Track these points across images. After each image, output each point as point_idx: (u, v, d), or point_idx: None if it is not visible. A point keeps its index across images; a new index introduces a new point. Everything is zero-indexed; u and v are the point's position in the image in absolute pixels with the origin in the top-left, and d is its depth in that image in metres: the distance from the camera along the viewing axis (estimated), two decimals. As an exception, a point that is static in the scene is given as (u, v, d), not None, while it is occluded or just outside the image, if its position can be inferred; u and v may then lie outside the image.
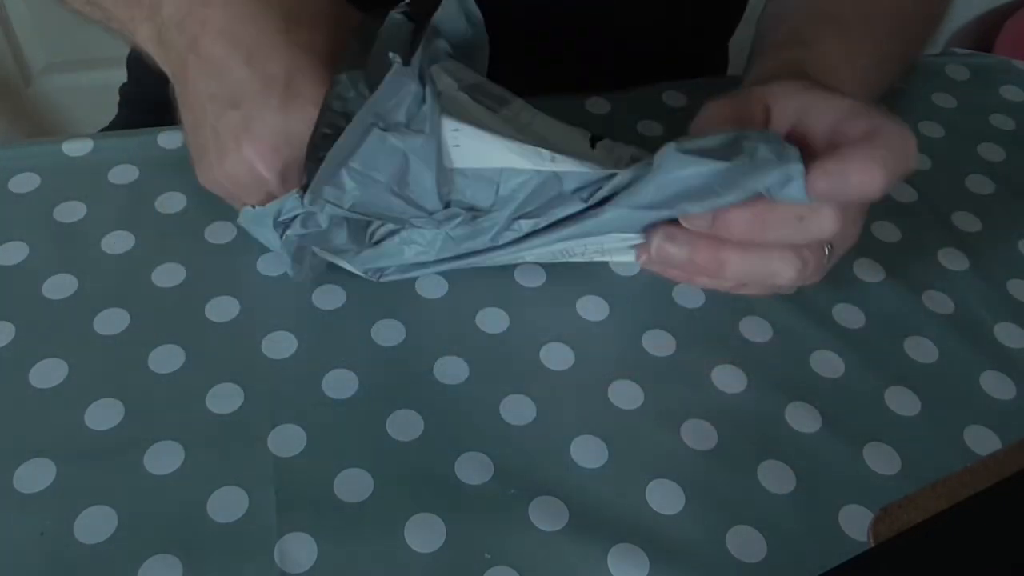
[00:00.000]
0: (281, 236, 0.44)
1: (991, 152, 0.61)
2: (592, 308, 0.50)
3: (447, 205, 0.41)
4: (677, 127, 0.60)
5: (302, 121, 0.41)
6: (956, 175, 0.59)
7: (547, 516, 0.42)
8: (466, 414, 0.45)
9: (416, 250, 0.44)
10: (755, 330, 0.49)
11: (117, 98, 0.78)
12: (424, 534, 0.41)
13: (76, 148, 0.56)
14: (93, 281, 0.49)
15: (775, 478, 0.44)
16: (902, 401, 0.47)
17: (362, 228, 0.44)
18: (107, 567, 0.39)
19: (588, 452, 0.44)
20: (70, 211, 0.52)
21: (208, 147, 0.43)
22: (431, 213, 0.42)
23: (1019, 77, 0.67)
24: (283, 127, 0.41)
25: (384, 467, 0.43)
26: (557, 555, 0.40)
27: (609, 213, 0.40)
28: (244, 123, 0.41)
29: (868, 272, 0.53)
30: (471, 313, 0.49)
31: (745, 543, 0.41)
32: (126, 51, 0.78)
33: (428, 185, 0.40)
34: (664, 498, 0.43)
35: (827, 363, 0.48)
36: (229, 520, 0.41)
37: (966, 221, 0.56)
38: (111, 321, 0.47)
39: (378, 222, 0.43)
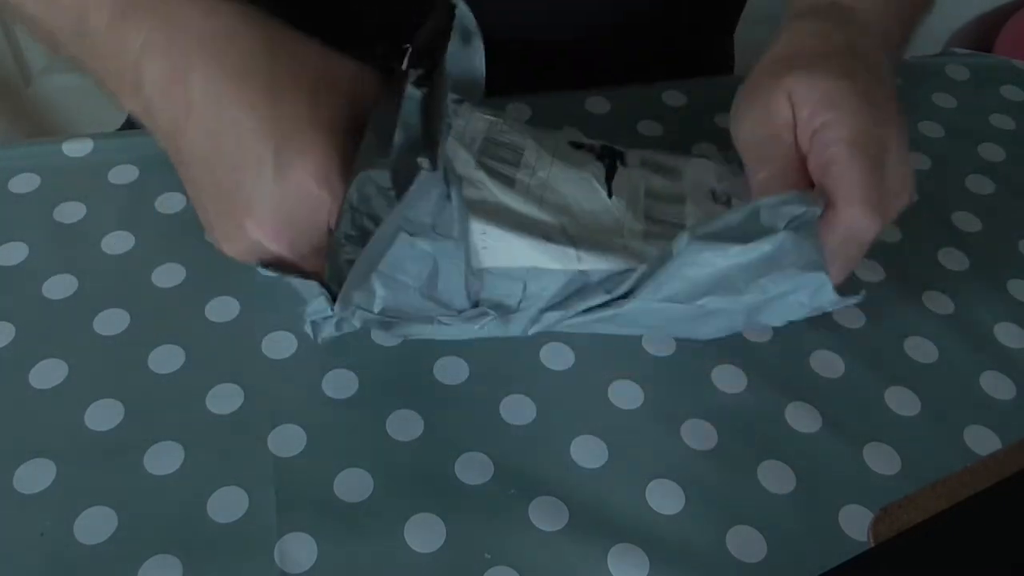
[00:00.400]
0: (312, 331, 0.44)
1: (991, 152, 0.61)
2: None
3: (475, 304, 0.42)
4: (677, 127, 0.60)
5: (298, 195, 0.41)
6: (956, 175, 0.59)
7: (547, 516, 0.42)
8: (466, 414, 0.45)
9: (445, 333, 0.45)
10: (755, 330, 0.49)
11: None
12: (424, 534, 0.41)
13: (76, 148, 0.56)
14: (93, 281, 0.49)
15: (775, 478, 0.44)
16: (902, 401, 0.47)
17: (388, 327, 0.44)
18: (107, 567, 0.39)
19: (588, 452, 0.44)
20: (70, 211, 0.52)
21: (213, 227, 0.43)
22: (460, 312, 0.42)
23: (1019, 77, 0.67)
24: (281, 204, 0.41)
25: (384, 467, 0.43)
26: (557, 555, 0.40)
27: (632, 304, 0.41)
28: (245, 208, 0.41)
29: (868, 272, 0.53)
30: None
31: (745, 543, 0.41)
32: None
33: (458, 287, 0.41)
34: (664, 498, 0.43)
35: (827, 363, 0.48)
36: (229, 520, 0.41)
37: (966, 221, 0.56)
38: (111, 321, 0.47)
39: (402, 324, 0.44)
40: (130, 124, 0.76)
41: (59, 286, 0.48)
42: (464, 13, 0.43)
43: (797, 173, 0.43)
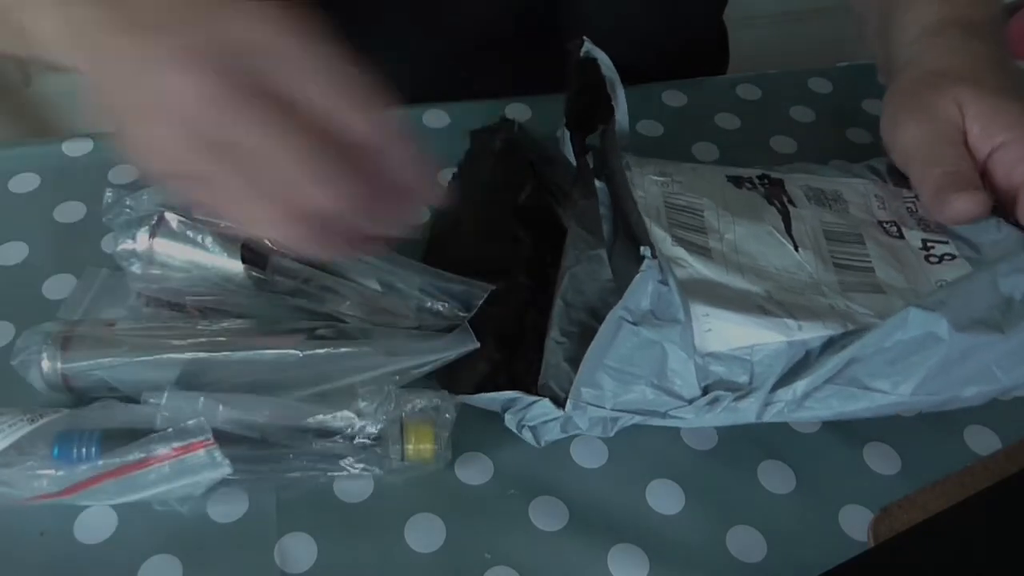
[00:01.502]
0: (534, 436, 0.43)
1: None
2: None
3: (705, 390, 0.41)
4: (677, 127, 0.60)
5: (245, 27, 0.35)
6: (956, 175, 0.59)
7: (547, 516, 0.42)
8: (466, 415, 0.45)
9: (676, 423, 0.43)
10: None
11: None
12: (424, 534, 0.41)
13: (76, 148, 0.56)
14: (93, 281, 0.49)
15: (775, 478, 0.44)
16: (902, 401, 0.47)
17: (610, 425, 0.43)
18: (107, 567, 0.39)
19: (588, 452, 0.44)
20: (70, 211, 0.52)
21: (137, 95, 0.36)
22: (690, 401, 0.41)
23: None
24: (226, 34, 0.35)
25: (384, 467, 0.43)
26: (557, 555, 0.40)
27: (889, 399, 0.40)
28: (178, 41, 0.34)
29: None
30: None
31: (745, 543, 0.41)
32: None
33: (688, 373, 0.40)
34: (664, 498, 0.43)
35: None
36: (229, 520, 0.40)
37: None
38: (111, 321, 0.47)
39: (625, 419, 0.43)
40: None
41: (59, 286, 0.48)
42: (608, 66, 0.44)
43: (971, 171, 0.45)
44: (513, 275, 0.47)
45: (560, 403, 0.41)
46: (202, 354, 0.42)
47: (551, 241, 0.46)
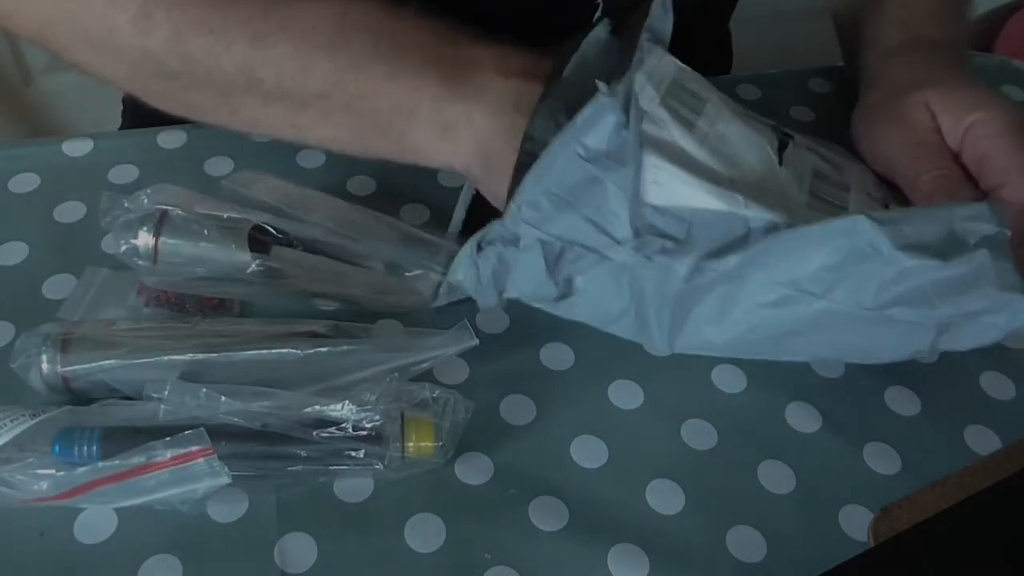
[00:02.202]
0: (478, 255, 0.44)
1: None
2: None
3: (636, 235, 0.42)
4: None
5: None
6: (956, 175, 0.59)
7: (547, 516, 0.42)
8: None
9: (600, 279, 0.44)
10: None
11: (117, 97, 0.78)
12: (424, 534, 0.41)
13: (76, 148, 0.56)
14: (93, 281, 0.49)
15: (775, 478, 0.44)
16: (902, 401, 0.47)
17: (554, 262, 0.44)
18: (107, 567, 0.39)
19: (588, 452, 0.44)
20: (70, 211, 0.52)
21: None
22: (619, 242, 0.42)
23: (1019, 77, 0.67)
24: None
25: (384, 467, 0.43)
26: (557, 555, 0.40)
27: (817, 305, 0.41)
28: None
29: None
30: (472, 315, 0.49)
31: (745, 543, 0.41)
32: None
33: (622, 214, 0.41)
34: (664, 498, 0.43)
35: (827, 363, 0.48)
36: (229, 520, 0.40)
37: (966, 221, 0.56)
38: (111, 321, 0.47)
39: (567, 257, 0.43)
40: (130, 124, 0.76)
41: (59, 286, 0.48)
42: None
43: (956, 171, 0.47)
44: None
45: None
46: (202, 355, 0.42)
47: None
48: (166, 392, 0.40)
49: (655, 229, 0.42)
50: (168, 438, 0.38)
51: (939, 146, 0.48)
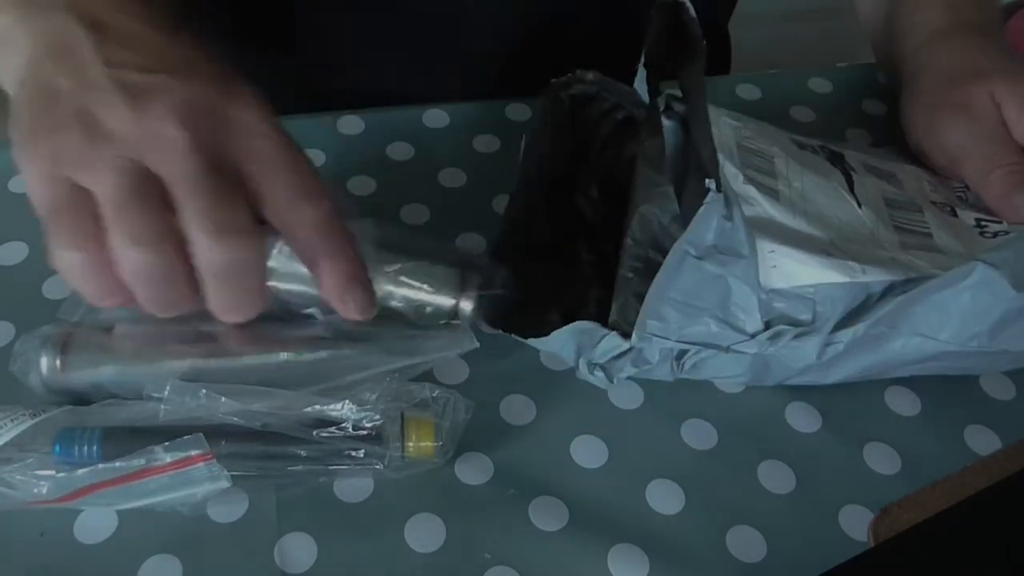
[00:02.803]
0: (594, 372, 0.43)
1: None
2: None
3: (767, 325, 0.42)
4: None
5: (207, 95, 0.37)
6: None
7: (547, 516, 0.42)
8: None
9: (737, 366, 0.44)
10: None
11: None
12: (424, 534, 0.41)
13: (76, 148, 0.56)
14: (93, 281, 0.49)
15: (775, 478, 0.44)
16: (902, 401, 0.47)
17: (677, 361, 0.44)
18: (107, 567, 0.39)
19: (588, 452, 0.44)
20: (70, 211, 0.52)
21: (80, 113, 0.36)
22: (752, 335, 0.42)
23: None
24: (196, 96, 0.37)
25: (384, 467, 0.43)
26: (557, 555, 0.40)
27: (932, 344, 0.42)
28: (158, 85, 0.36)
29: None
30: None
31: (745, 543, 0.41)
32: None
33: (752, 307, 0.41)
34: (664, 498, 0.43)
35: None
36: (229, 520, 0.41)
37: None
38: (111, 321, 0.47)
39: (690, 353, 0.43)
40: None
41: (59, 286, 0.48)
42: (691, 8, 0.43)
43: None
44: (576, 251, 0.47)
45: (628, 336, 0.41)
46: (202, 361, 0.42)
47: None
48: (166, 392, 0.40)
49: (784, 316, 0.42)
50: (167, 443, 0.38)
51: (1007, 139, 0.47)
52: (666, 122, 0.44)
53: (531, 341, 0.43)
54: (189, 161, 0.35)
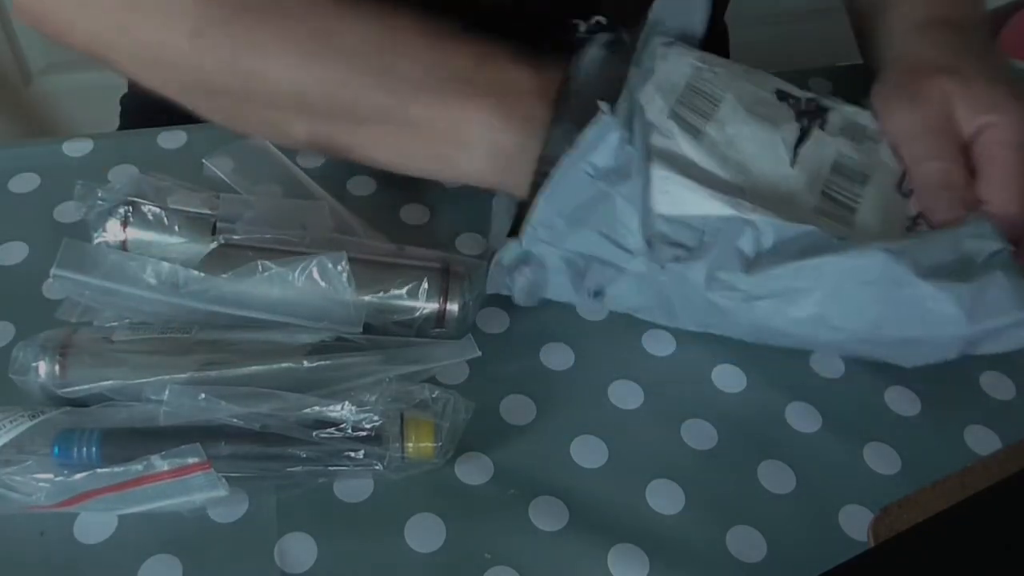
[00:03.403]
0: (511, 282, 0.46)
1: (991, 152, 0.61)
2: (592, 308, 0.50)
3: (648, 245, 0.43)
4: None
5: None
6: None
7: (547, 516, 0.42)
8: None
9: (626, 287, 0.46)
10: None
11: (117, 97, 0.78)
12: (424, 534, 0.41)
13: (76, 148, 0.56)
14: (93, 281, 0.49)
15: (775, 478, 0.44)
16: (902, 401, 0.47)
17: (579, 276, 0.46)
18: (107, 567, 0.39)
19: (588, 452, 0.44)
20: (70, 211, 0.52)
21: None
22: (632, 253, 0.44)
23: (1019, 77, 0.67)
24: None
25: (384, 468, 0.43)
26: (557, 555, 0.40)
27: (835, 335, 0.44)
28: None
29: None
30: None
31: (745, 543, 0.41)
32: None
33: (633, 226, 0.43)
34: (664, 498, 0.43)
35: (827, 363, 0.48)
36: (229, 520, 0.41)
37: (966, 221, 0.56)
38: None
39: (592, 271, 0.45)
40: (127, 125, 0.76)
41: (59, 286, 0.48)
42: None
43: (959, 171, 0.47)
44: None
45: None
46: (201, 374, 0.42)
47: None
48: (166, 395, 0.40)
49: (666, 238, 0.43)
50: (164, 452, 0.38)
51: (949, 134, 0.48)
52: (594, 51, 0.45)
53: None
54: None
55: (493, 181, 0.47)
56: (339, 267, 0.43)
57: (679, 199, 0.43)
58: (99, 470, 0.38)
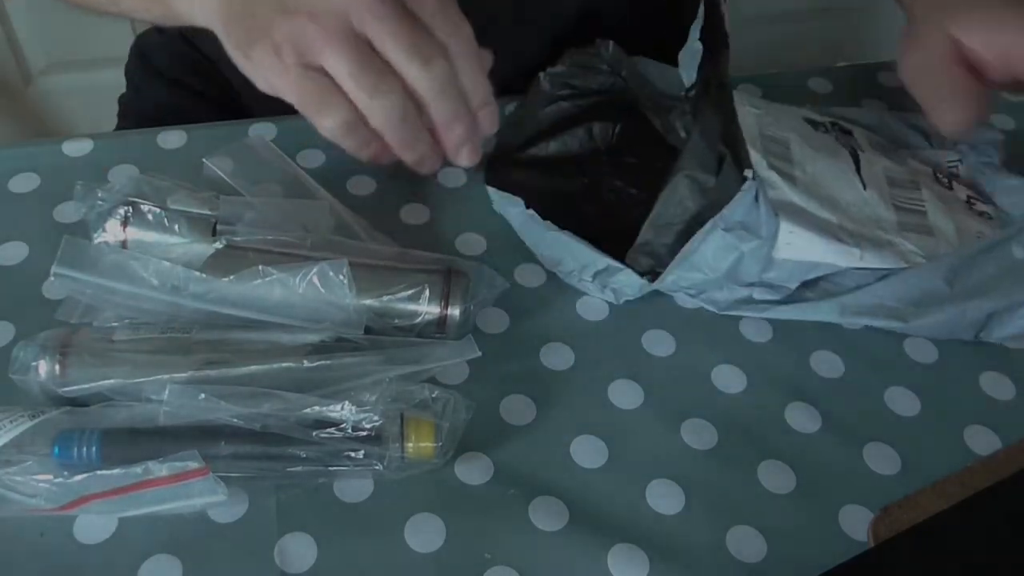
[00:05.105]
0: (603, 290, 0.50)
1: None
2: (592, 308, 0.50)
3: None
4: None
5: None
6: (956, 175, 0.59)
7: (547, 516, 0.42)
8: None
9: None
10: (755, 330, 0.49)
11: (117, 97, 0.78)
12: (424, 534, 0.41)
13: (76, 148, 0.56)
14: (93, 281, 0.49)
15: (775, 478, 0.44)
16: (902, 401, 0.47)
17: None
18: (107, 567, 0.39)
19: (588, 452, 0.44)
20: (70, 211, 0.52)
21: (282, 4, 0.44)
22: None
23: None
24: None
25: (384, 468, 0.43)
26: (557, 555, 0.40)
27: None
28: None
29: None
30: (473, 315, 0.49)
31: (745, 543, 0.41)
32: (126, 51, 0.78)
33: (754, 276, 0.48)
34: (664, 498, 0.43)
35: (827, 363, 0.48)
36: (229, 520, 0.41)
37: (966, 221, 0.56)
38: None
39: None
40: (124, 125, 0.76)
41: (58, 286, 0.48)
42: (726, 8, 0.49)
43: (960, 91, 0.51)
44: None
45: (643, 274, 0.48)
46: (201, 373, 0.42)
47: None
48: (166, 395, 0.40)
49: (772, 279, 0.48)
50: (163, 458, 0.38)
51: (950, 65, 0.51)
52: (711, 112, 0.49)
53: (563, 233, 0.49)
54: (383, 8, 0.43)
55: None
56: (340, 275, 0.43)
57: (799, 248, 0.47)
58: (98, 472, 0.38)
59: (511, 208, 0.50)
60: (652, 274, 0.48)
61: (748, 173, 0.45)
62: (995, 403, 0.48)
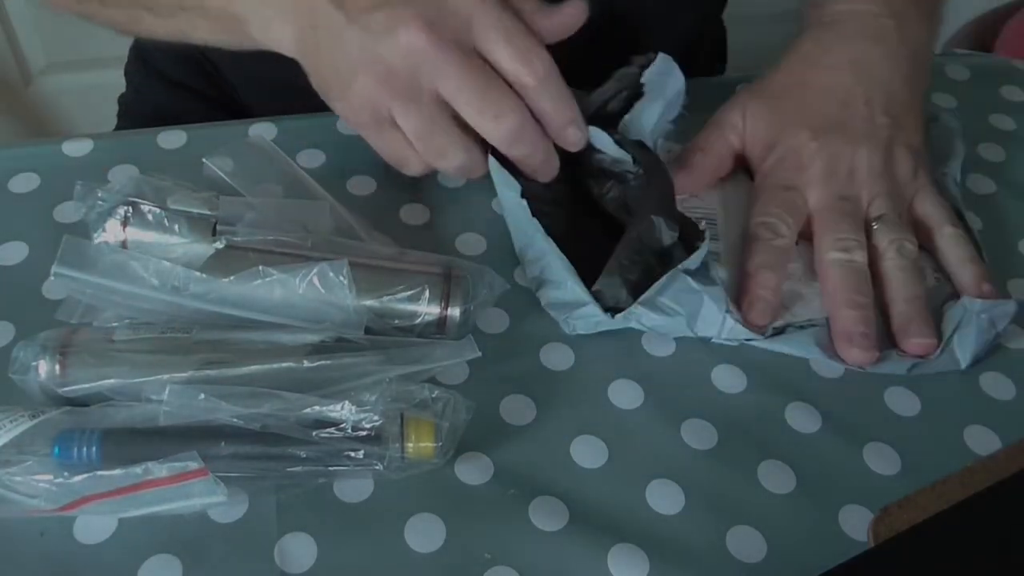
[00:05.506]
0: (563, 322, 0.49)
1: (991, 152, 0.61)
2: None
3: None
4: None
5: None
6: (956, 175, 0.59)
7: (547, 516, 0.42)
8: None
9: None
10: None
11: (117, 97, 0.78)
12: (424, 534, 0.41)
13: (76, 148, 0.56)
14: (93, 281, 0.49)
15: (775, 478, 0.44)
16: (902, 401, 0.47)
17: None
18: (107, 567, 0.39)
19: (588, 452, 0.44)
20: (70, 211, 0.52)
21: (352, 55, 0.45)
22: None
23: (1019, 77, 0.67)
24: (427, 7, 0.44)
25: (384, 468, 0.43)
26: (557, 555, 0.40)
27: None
28: (394, 8, 0.44)
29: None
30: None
31: (745, 543, 0.41)
32: (125, 51, 0.78)
33: (715, 319, 0.48)
34: (664, 498, 0.43)
35: (827, 363, 0.48)
36: (229, 520, 0.41)
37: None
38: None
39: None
40: (124, 124, 0.76)
41: (59, 286, 0.48)
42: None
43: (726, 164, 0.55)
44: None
45: (606, 309, 0.47)
46: (202, 373, 0.41)
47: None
48: (166, 395, 0.40)
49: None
50: (162, 459, 0.38)
51: (728, 144, 0.55)
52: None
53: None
54: (449, 67, 0.44)
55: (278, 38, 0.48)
56: (340, 276, 0.44)
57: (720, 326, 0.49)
58: (98, 473, 0.38)
59: (507, 190, 0.49)
60: (615, 310, 0.47)
61: (704, 233, 0.47)
62: (995, 403, 0.48)
